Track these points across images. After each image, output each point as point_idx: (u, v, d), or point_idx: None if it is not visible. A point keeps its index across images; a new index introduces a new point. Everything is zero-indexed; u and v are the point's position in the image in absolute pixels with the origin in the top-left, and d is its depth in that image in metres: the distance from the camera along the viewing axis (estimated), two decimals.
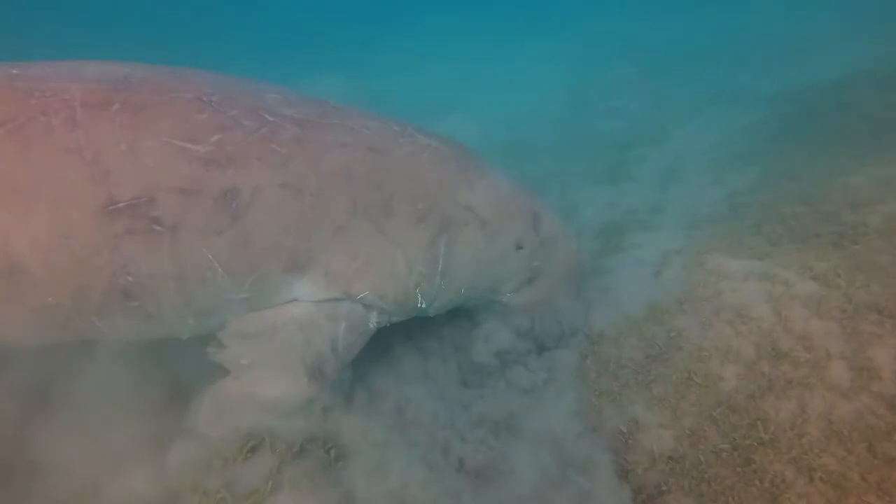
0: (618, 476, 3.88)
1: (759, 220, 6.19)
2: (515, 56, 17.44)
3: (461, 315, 5.04)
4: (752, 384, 4.15)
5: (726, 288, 4.73)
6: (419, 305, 4.25)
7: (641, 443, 4.11)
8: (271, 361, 3.83)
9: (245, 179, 3.49)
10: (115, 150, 3.21)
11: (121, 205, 3.20)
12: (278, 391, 3.86)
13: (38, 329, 3.37)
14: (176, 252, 3.45)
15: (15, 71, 3.39)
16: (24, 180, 3.05)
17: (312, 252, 3.73)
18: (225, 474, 3.64)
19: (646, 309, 4.83)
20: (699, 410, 4.16)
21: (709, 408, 4.14)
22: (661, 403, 4.23)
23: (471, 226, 4.23)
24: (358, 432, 3.94)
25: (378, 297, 3.99)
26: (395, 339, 4.77)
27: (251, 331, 3.78)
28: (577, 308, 5.05)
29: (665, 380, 4.35)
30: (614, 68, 14.08)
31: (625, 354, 4.56)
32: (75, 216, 3.13)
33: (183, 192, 3.35)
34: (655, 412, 4.23)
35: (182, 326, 3.75)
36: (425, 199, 4.06)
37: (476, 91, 14.88)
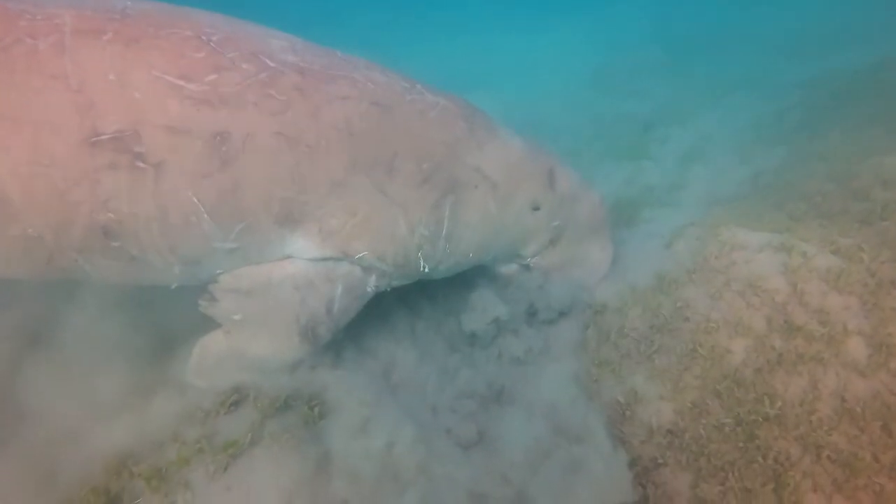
0: (613, 446, 3.69)
1: (783, 198, 5.88)
2: (541, 38, 17.10)
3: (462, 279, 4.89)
4: (762, 358, 3.91)
5: (740, 259, 4.47)
6: (422, 269, 4.08)
7: (640, 415, 3.92)
8: (264, 319, 3.71)
9: (238, 124, 3.35)
10: (102, 81, 3.08)
11: (104, 137, 3.09)
12: (269, 350, 3.75)
13: (21, 261, 3.31)
14: (159, 192, 3.30)
15: None
16: (6, 104, 2.97)
17: (307, 206, 3.56)
18: (205, 426, 3.56)
19: (653, 279, 4.61)
20: (703, 384, 3.94)
21: (713, 381, 3.91)
22: (662, 375, 4.02)
23: (480, 188, 4.06)
24: (344, 390, 3.83)
25: (377, 259, 3.83)
26: (388, 298, 4.62)
27: (245, 286, 3.66)
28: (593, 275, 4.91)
29: (668, 351, 4.14)
30: (641, 51, 13.65)
31: (628, 324, 4.36)
32: (57, 145, 3.03)
33: (171, 130, 3.23)
34: (657, 384, 4.02)
35: (169, 274, 3.62)
36: (431, 159, 3.84)
37: (498, 71, 14.60)
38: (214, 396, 3.69)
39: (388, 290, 4.10)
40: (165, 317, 4.09)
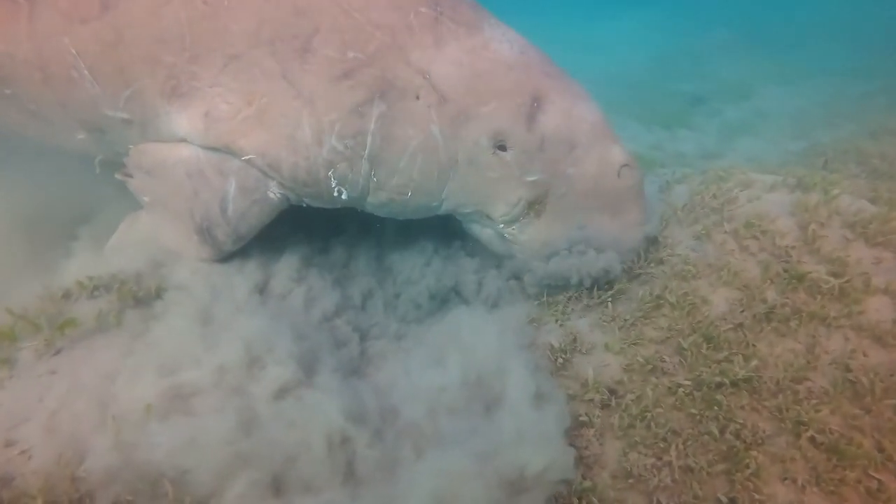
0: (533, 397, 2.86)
1: (830, 159, 4.80)
2: (609, 25, 16.05)
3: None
4: (747, 312, 2.98)
5: (744, 197, 3.52)
6: (336, 195, 3.18)
7: (577, 365, 3.07)
8: (165, 205, 3.29)
9: None
10: None
11: None
12: (175, 244, 3.32)
13: None
14: (35, 33, 3.11)
15: None
16: None
17: (197, 81, 3.00)
18: (58, 304, 3.07)
19: None
20: (664, 337, 3.04)
21: (677, 335, 3.01)
22: (614, 323, 3.15)
23: (422, 100, 3.01)
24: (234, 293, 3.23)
25: (268, 167, 3.05)
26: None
27: (146, 164, 3.25)
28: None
29: (629, 296, 3.26)
30: (712, 35, 12.40)
31: None
32: None
33: None
34: (605, 332, 3.17)
35: (73, 138, 3.41)
36: (361, 47, 2.96)
37: (556, 54, 13.75)
38: (85, 279, 3.19)
39: (304, 205, 3.35)
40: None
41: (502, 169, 3.16)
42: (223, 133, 3.03)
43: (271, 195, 3.18)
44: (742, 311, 3.00)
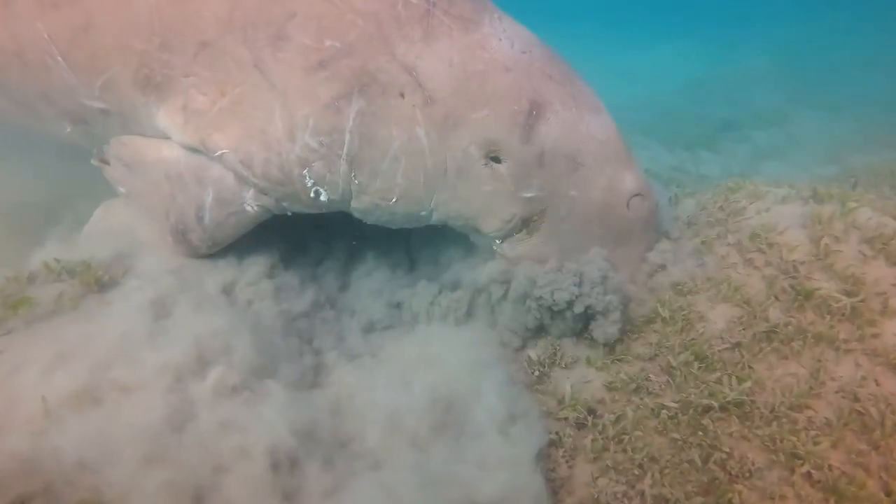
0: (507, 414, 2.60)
1: (862, 182, 4.44)
2: (644, 55, 15.80)
3: None
4: (747, 331, 2.67)
5: (753, 208, 3.22)
6: (314, 196, 2.90)
7: (555, 380, 2.81)
8: (142, 201, 3.21)
9: None
10: None
11: None
12: (150, 239, 3.22)
13: None
14: (11, 19, 3.09)
15: None
16: None
17: (170, 70, 2.87)
18: (20, 286, 2.99)
19: None
20: (652, 353, 2.76)
21: (667, 351, 2.72)
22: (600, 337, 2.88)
23: (407, 99, 2.74)
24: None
25: (241, 164, 2.84)
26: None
27: (126, 157, 3.17)
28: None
29: (619, 310, 2.98)
30: (749, 64, 11.99)
31: None
32: None
33: None
34: (589, 346, 2.90)
35: (62, 130, 3.36)
36: (340, 36, 2.71)
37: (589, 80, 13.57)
38: (52, 261, 3.12)
39: (288, 214, 3.13)
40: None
41: (496, 182, 2.83)
42: (200, 127, 2.87)
43: (248, 208, 2.99)
44: (742, 330, 2.69)
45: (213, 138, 2.85)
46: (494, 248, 3.06)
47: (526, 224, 2.93)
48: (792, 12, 17.62)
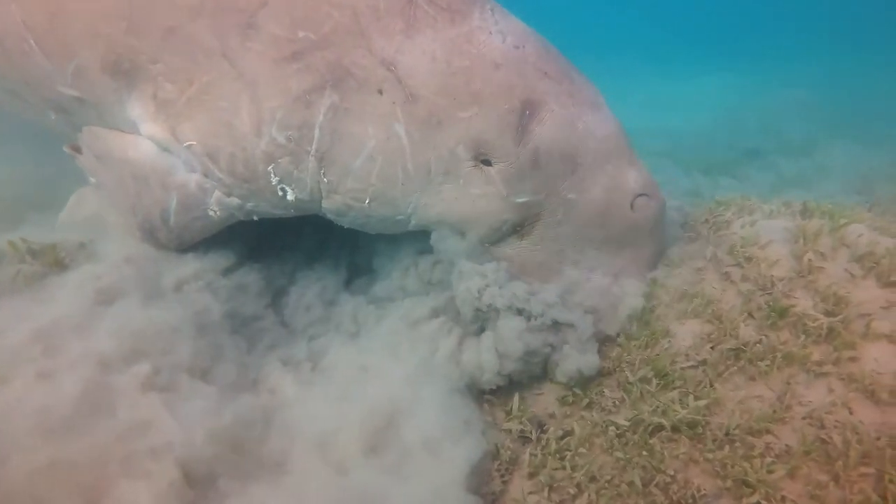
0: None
1: (885, 208, 4.14)
2: (682, 86, 15.54)
3: None
4: (716, 351, 2.44)
5: (738, 222, 3.00)
6: (280, 195, 2.79)
7: (506, 390, 2.63)
8: (109, 194, 3.19)
9: None
10: None
11: None
12: (119, 228, 3.20)
13: None
14: None
15: None
16: None
17: (136, 56, 2.82)
18: None
19: None
20: (611, 367, 2.57)
21: (627, 368, 2.52)
22: None
23: (386, 96, 2.59)
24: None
25: (207, 157, 2.79)
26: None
27: (96, 149, 3.14)
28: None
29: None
30: (788, 95, 11.60)
31: None
32: None
33: None
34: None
35: (46, 116, 3.37)
36: (314, 27, 2.61)
37: (620, 108, 13.38)
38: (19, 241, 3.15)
39: (256, 219, 3.05)
40: None
41: (485, 186, 2.65)
42: (170, 117, 2.82)
43: (212, 213, 2.92)
44: (710, 347, 2.47)
45: (181, 128, 2.80)
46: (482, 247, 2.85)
47: (517, 229, 2.76)
48: (837, 47, 17.13)
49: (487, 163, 2.63)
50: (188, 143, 2.80)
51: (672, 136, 9.72)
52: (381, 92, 2.59)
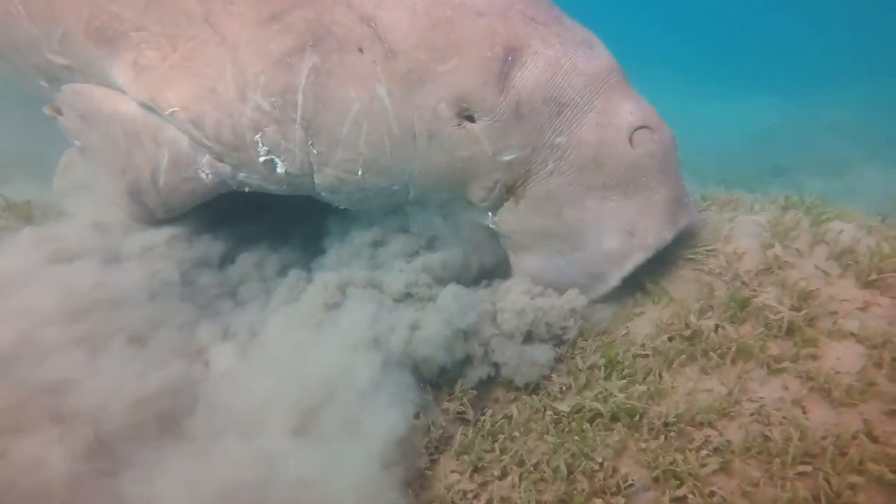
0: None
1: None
2: (721, 106, 15.15)
3: None
4: (672, 340, 2.30)
5: (716, 220, 2.84)
6: (272, 167, 2.70)
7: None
8: (97, 155, 3.15)
9: None
10: None
11: None
12: (107, 195, 3.13)
13: None
14: None
15: None
16: None
17: (120, 23, 2.83)
18: None
19: None
20: (566, 353, 2.44)
21: (579, 353, 2.40)
22: None
23: (366, 54, 2.48)
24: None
25: (192, 123, 2.73)
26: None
27: (80, 107, 3.09)
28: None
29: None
30: (827, 116, 11.17)
31: None
32: None
33: None
34: None
35: (36, 84, 3.37)
36: None
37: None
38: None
39: (249, 191, 2.94)
40: None
41: (472, 145, 2.46)
42: (151, 83, 2.78)
43: (203, 175, 2.84)
44: (666, 337, 2.33)
45: (164, 94, 2.75)
46: (489, 223, 2.70)
47: (511, 191, 2.55)
48: (885, 69, 16.46)
49: (471, 119, 2.45)
50: (171, 110, 2.75)
51: (697, 152, 9.45)
52: (361, 50, 2.47)
